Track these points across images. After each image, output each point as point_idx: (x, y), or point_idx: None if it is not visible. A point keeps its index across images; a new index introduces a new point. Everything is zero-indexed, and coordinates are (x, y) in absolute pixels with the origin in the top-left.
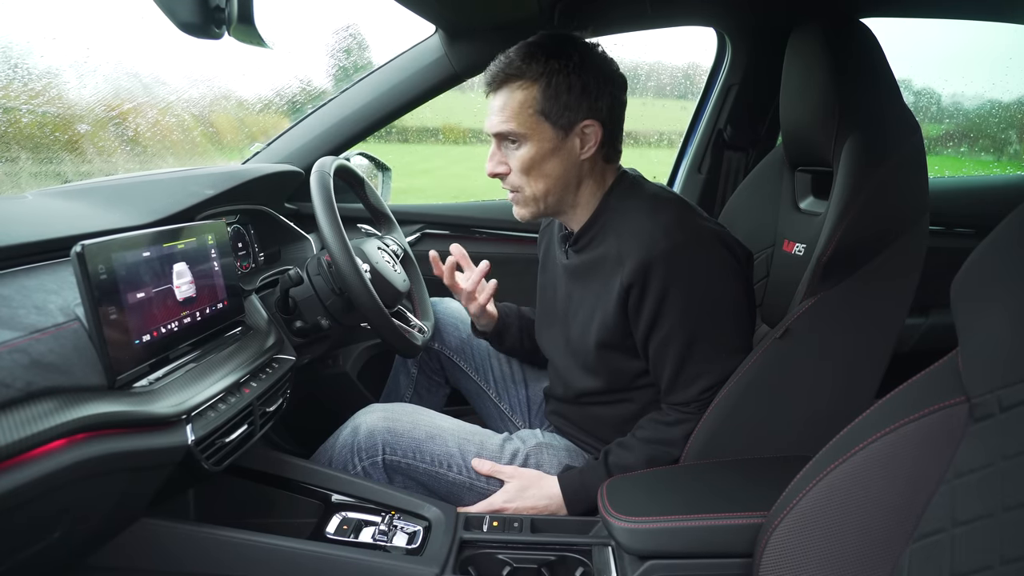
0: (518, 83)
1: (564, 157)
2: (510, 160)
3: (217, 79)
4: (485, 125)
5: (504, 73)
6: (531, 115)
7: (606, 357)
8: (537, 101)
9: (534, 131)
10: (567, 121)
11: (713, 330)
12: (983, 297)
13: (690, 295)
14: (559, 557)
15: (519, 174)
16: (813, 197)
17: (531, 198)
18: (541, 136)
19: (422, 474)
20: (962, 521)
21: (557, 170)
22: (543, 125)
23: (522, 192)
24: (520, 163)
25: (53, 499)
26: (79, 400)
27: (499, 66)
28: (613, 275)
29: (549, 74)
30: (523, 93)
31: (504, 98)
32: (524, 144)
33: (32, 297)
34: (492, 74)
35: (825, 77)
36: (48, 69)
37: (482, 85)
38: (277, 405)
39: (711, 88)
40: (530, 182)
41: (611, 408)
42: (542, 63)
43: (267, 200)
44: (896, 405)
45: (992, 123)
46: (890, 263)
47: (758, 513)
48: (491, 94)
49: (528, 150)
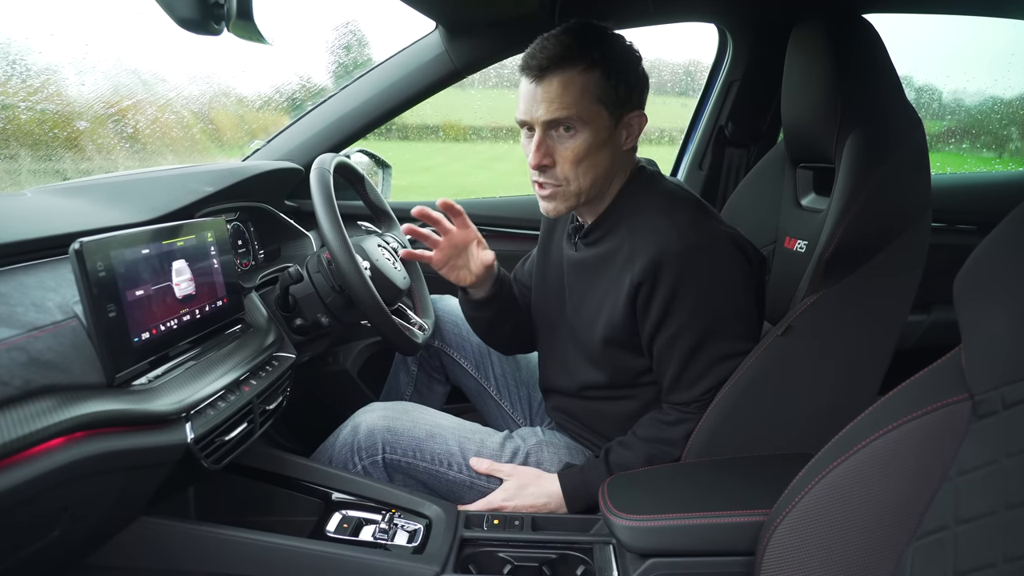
0: (579, 67)
1: (612, 148)
2: (559, 151)
3: (217, 76)
4: (529, 112)
5: (563, 55)
6: (591, 102)
7: (611, 353)
8: (598, 87)
9: (592, 119)
10: (621, 110)
11: (720, 333)
12: (986, 294)
13: (699, 296)
14: (560, 555)
15: (569, 165)
16: (815, 194)
17: (575, 192)
18: (598, 125)
19: (422, 473)
20: (965, 519)
21: (605, 162)
22: (601, 113)
23: (566, 186)
24: (573, 153)
25: (52, 497)
26: (78, 398)
27: (554, 48)
28: (624, 272)
29: (608, 60)
30: (583, 77)
31: (562, 82)
32: (580, 133)
33: (31, 295)
34: (546, 56)
35: (827, 73)
36: (47, 66)
37: (486, 82)
38: (277, 403)
39: (712, 84)
40: (579, 174)
41: (614, 404)
42: (600, 48)
43: (267, 197)
44: (899, 402)
45: (994, 120)
46: (892, 260)
47: (760, 511)
48: (537, 81)
49: (583, 139)
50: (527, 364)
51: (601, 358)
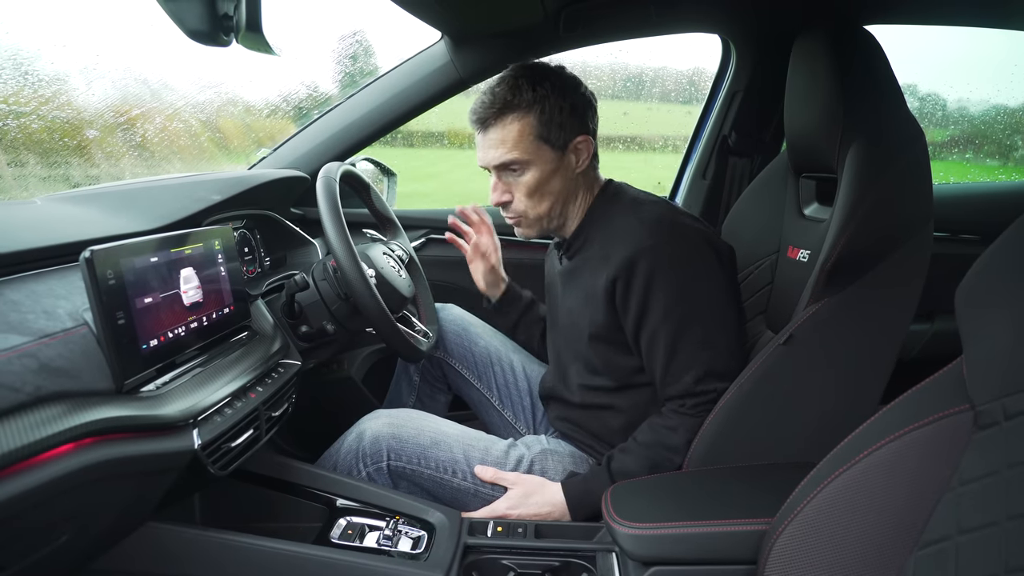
0: (512, 115)
1: (563, 174)
2: (514, 188)
3: (224, 85)
4: (483, 159)
5: (496, 108)
6: (531, 141)
7: (600, 351)
8: (534, 127)
9: (536, 156)
10: (563, 141)
11: (698, 321)
12: (988, 304)
13: (673, 287)
14: (563, 563)
15: (524, 199)
16: (817, 204)
17: (536, 219)
18: (543, 159)
19: (427, 480)
20: (967, 529)
21: (558, 187)
22: (543, 148)
23: (526, 216)
24: (526, 188)
25: (61, 503)
26: (87, 404)
27: (488, 103)
28: (600, 271)
29: (540, 100)
30: (520, 123)
31: (501, 131)
32: (527, 170)
33: (41, 302)
34: (483, 112)
35: (829, 84)
36: (58, 75)
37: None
38: (283, 410)
39: (716, 94)
40: (535, 205)
41: (613, 409)
42: (530, 92)
43: (273, 205)
44: (901, 412)
45: (998, 129)
46: (894, 269)
47: (762, 520)
48: (483, 131)
49: (532, 175)
50: (529, 374)
51: (593, 358)
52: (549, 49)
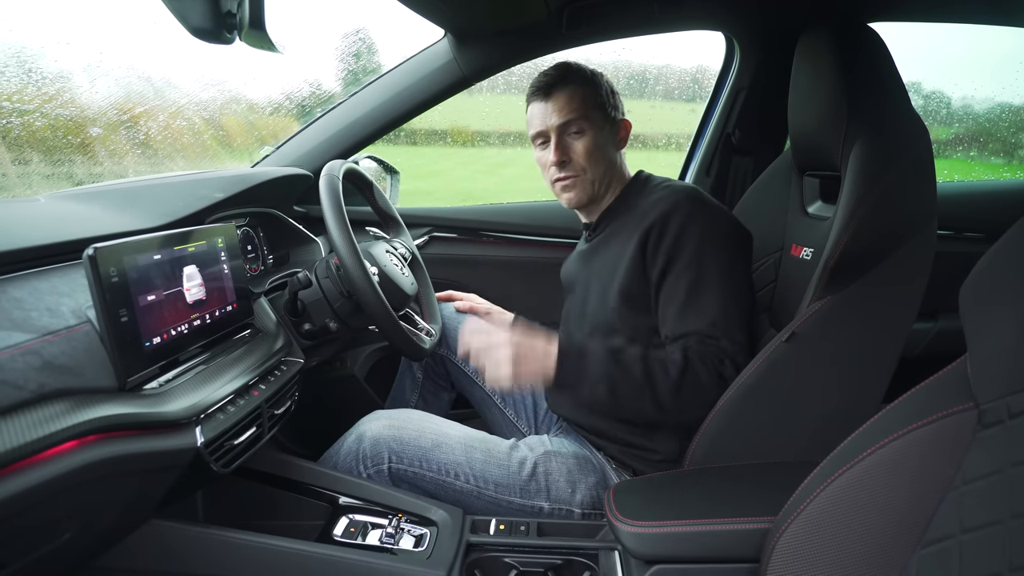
0: (575, 84)
1: (611, 147)
2: (573, 149)
3: (228, 82)
4: (544, 123)
5: (564, 76)
6: (592, 106)
7: (624, 315)
8: (594, 97)
9: (595, 120)
10: (613, 115)
11: (720, 282)
12: (992, 303)
13: (704, 241)
14: (565, 561)
15: (583, 157)
16: (821, 202)
17: (590, 181)
18: (599, 126)
19: (429, 483)
20: (970, 528)
21: (609, 157)
22: (601, 116)
23: (583, 175)
24: (585, 148)
25: (64, 500)
26: (90, 402)
27: (554, 73)
28: (632, 234)
29: (596, 78)
30: (582, 90)
31: (567, 94)
32: (587, 132)
33: (44, 300)
34: (547, 80)
35: (833, 82)
36: (61, 73)
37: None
38: (285, 407)
39: (719, 92)
40: (593, 165)
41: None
42: (588, 72)
43: (276, 203)
44: (904, 410)
45: (1002, 127)
46: (898, 267)
47: (765, 518)
48: (544, 99)
49: (590, 137)
50: None
51: (616, 320)
52: (552, 47)
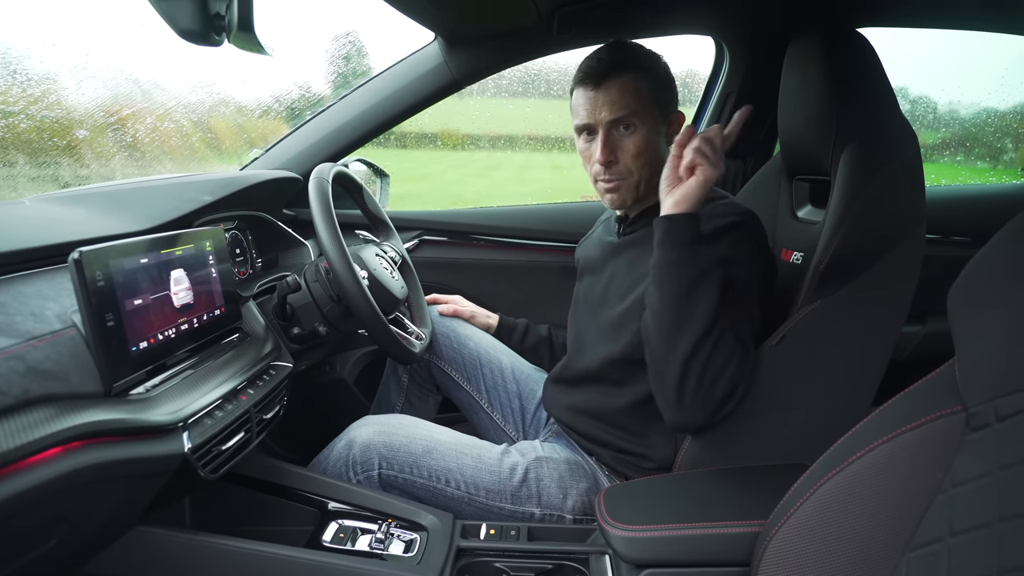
0: (632, 73)
1: (662, 144)
2: (619, 150)
3: (216, 85)
4: (592, 115)
5: (618, 64)
6: (646, 102)
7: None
8: (649, 88)
9: (648, 117)
10: (668, 110)
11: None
12: (980, 305)
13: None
14: (556, 565)
15: (632, 159)
16: (811, 206)
17: (636, 183)
18: (652, 122)
19: (419, 489)
20: (959, 531)
21: (659, 156)
22: (653, 111)
23: (629, 178)
24: (635, 147)
25: (49, 507)
26: (75, 408)
27: (609, 59)
28: None
29: (654, 65)
30: (637, 82)
31: (620, 86)
32: (639, 130)
33: (29, 304)
34: (600, 68)
35: (822, 87)
36: (47, 74)
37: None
38: (274, 412)
39: (709, 96)
40: (640, 166)
41: (625, 388)
42: (643, 56)
43: (265, 206)
44: (893, 414)
45: (988, 131)
46: (887, 271)
47: (755, 522)
48: (595, 88)
49: (642, 135)
50: (519, 377)
51: (631, 323)
52: (543, 50)
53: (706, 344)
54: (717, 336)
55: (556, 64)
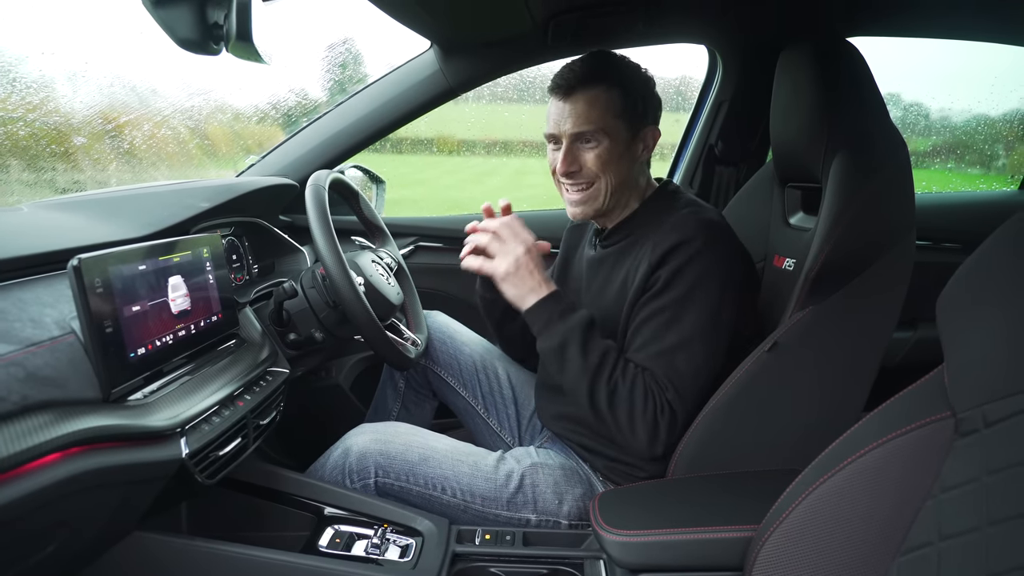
0: (600, 86)
1: (629, 158)
2: (584, 158)
3: (213, 92)
4: (558, 126)
5: (587, 76)
6: (612, 117)
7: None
8: (617, 103)
9: (613, 131)
10: (637, 125)
11: (697, 324)
12: (968, 313)
13: (698, 284)
14: (551, 570)
15: (594, 171)
16: (803, 213)
17: (598, 193)
18: (617, 137)
19: (416, 497)
20: (948, 535)
21: (625, 170)
22: (620, 126)
23: (593, 186)
24: (597, 160)
25: (48, 513)
26: (74, 414)
27: (580, 70)
28: (642, 259)
29: (627, 81)
30: (606, 96)
31: (587, 100)
32: (601, 143)
33: (28, 310)
34: (570, 78)
35: (814, 96)
36: (45, 81)
37: (480, 98)
38: (271, 418)
39: (702, 103)
40: (604, 178)
41: None
42: (617, 71)
43: (262, 213)
44: (884, 419)
45: (979, 138)
46: (877, 277)
47: (748, 526)
48: (564, 99)
49: (604, 149)
50: (514, 382)
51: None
52: (538, 58)
53: (600, 381)
54: (609, 372)
55: (551, 71)
